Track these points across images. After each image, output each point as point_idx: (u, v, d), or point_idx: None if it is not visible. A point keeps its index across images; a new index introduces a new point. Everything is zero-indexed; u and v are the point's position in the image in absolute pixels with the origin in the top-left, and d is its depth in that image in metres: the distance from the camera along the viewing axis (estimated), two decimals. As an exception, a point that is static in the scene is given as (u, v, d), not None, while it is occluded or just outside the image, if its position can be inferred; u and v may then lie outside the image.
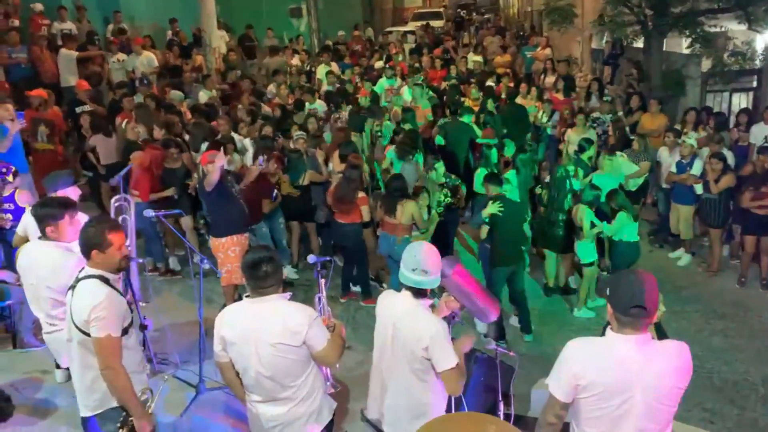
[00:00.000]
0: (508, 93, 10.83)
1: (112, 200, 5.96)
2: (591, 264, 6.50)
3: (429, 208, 6.40)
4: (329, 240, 7.44)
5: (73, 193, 4.70)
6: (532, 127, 9.62)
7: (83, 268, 3.31)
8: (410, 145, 7.62)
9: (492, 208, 5.83)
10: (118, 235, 3.27)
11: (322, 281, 4.44)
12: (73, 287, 3.26)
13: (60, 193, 4.61)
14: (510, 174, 7.31)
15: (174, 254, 7.51)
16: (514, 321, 6.29)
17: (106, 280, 3.23)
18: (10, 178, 5.95)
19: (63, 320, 3.83)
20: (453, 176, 7.32)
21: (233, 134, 8.02)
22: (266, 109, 9.70)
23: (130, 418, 3.25)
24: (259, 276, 3.02)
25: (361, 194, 6.49)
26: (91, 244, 3.22)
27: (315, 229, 7.45)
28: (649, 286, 2.52)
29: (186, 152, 7.63)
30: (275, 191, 6.80)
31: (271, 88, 11.21)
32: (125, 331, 3.24)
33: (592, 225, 6.32)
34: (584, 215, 6.32)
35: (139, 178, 6.92)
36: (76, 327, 3.19)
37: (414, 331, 3.12)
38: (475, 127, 9.01)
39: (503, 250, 5.92)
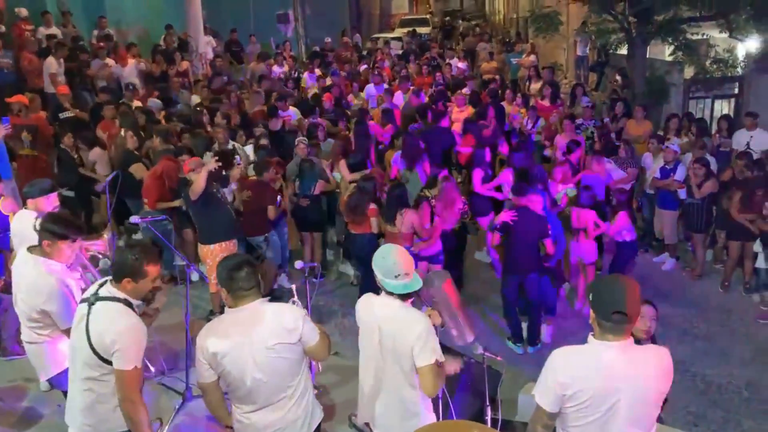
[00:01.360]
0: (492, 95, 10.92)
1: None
2: (593, 264, 6.63)
3: (432, 216, 6.30)
4: (348, 252, 7.38)
5: (50, 201, 4.64)
6: (518, 133, 9.69)
7: (105, 282, 3.19)
8: (418, 153, 7.62)
9: (504, 216, 5.81)
10: (155, 268, 3.19)
11: (293, 286, 4.42)
12: (91, 303, 3.12)
13: (38, 200, 4.56)
14: (504, 174, 7.44)
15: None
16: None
17: (129, 305, 3.14)
18: None
19: (40, 335, 3.81)
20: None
21: (232, 143, 7.85)
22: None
23: None
24: (241, 277, 2.96)
25: (372, 206, 6.37)
26: (125, 271, 3.12)
27: (321, 238, 7.38)
28: (631, 292, 2.54)
29: None
30: (279, 198, 6.72)
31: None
32: None
33: (596, 225, 6.42)
34: (588, 217, 6.41)
35: (150, 185, 6.85)
36: (92, 349, 3.06)
37: (402, 333, 3.12)
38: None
39: (514, 258, 5.90)
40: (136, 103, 9.83)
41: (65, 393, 3.78)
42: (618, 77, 12.15)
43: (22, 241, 4.09)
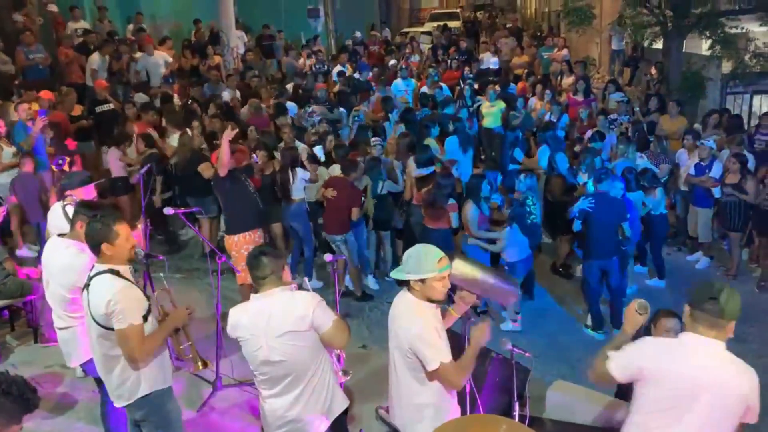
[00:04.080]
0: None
1: None
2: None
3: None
4: (408, 246, 7.39)
5: (88, 192, 4.76)
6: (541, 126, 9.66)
7: (93, 267, 3.38)
8: (470, 139, 7.90)
9: (582, 204, 5.94)
10: (123, 227, 3.35)
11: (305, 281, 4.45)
12: (87, 286, 3.33)
13: (77, 191, 4.68)
14: (542, 150, 7.86)
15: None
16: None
17: (117, 273, 3.30)
18: (66, 167, 6.31)
19: (73, 318, 3.94)
20: None
21: (297, 143, 7.81)
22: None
23: None
24: (257, 265, 3.14)
25: (451, 201, 6.34)
26: (99, 239, 3.28)
27: (390, 237, 7.32)
28: (731, 293, 2.64)
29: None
30: (363, 198, 6.65)
31: (289, 88, 11.26)
32: (144, 319, 3.31)
33: (644, 204, 6.61)
34: (635, 197, 6.56)
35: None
36: (95, 322, 3.27)
37: (402, 330, 3.11)
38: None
39: (594, 244, 6.02)
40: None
41: (98, 381, 3.91)
42: (653, 71, 11.91)
43: (57, 232, 4.20)
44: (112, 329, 3.23)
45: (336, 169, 6.91)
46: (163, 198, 7.73)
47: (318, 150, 7.60)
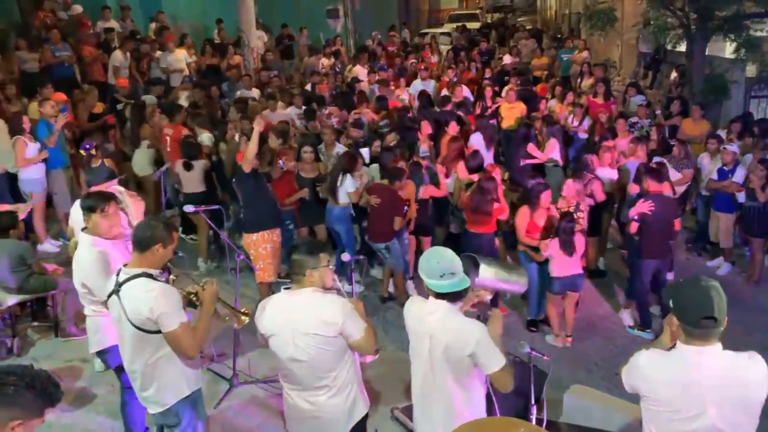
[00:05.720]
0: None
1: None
2: None
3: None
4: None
5: (113, 187, 4.85)
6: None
7: (120, 271, 3.34)
8: (495, 135, 8.13)
9: (642, 207, 5.89)
10: (176, 235, 3.45)
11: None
12: (116, 291, 3.28)
13: (101, 186, 4.77)
14: (552, 144, 8.10)
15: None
16: (655, 310, 6.37)
17: (150, 276, 3.28)
18: (93, 151, 6.48)
19: (91, 309, 3.98)
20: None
21: (338, 145, 7.75)
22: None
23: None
24: (291, 261, 3.19)
25: (496, 205, 6.19)
26: (157, 238, 3.29)
27: (430, 243, 7.11)
28: (716, 294, 2.45)
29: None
30: (405, 207, 6.47)
31: (308, 89, 11.31)
32: None
33: None
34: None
35: (278, 183, 6.76)
36: (134, 326, 3.23)
37: (456, 340, 2.96)
38: None
39: (651, 243, 6.01)
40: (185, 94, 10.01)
41: (117, 372, 3.95)
42: (675, 75, 11.77)
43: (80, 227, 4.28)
44: (155, 332, 3.23)
45: (376, 169, 7.04)
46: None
47: (364, 152, 7.56)
